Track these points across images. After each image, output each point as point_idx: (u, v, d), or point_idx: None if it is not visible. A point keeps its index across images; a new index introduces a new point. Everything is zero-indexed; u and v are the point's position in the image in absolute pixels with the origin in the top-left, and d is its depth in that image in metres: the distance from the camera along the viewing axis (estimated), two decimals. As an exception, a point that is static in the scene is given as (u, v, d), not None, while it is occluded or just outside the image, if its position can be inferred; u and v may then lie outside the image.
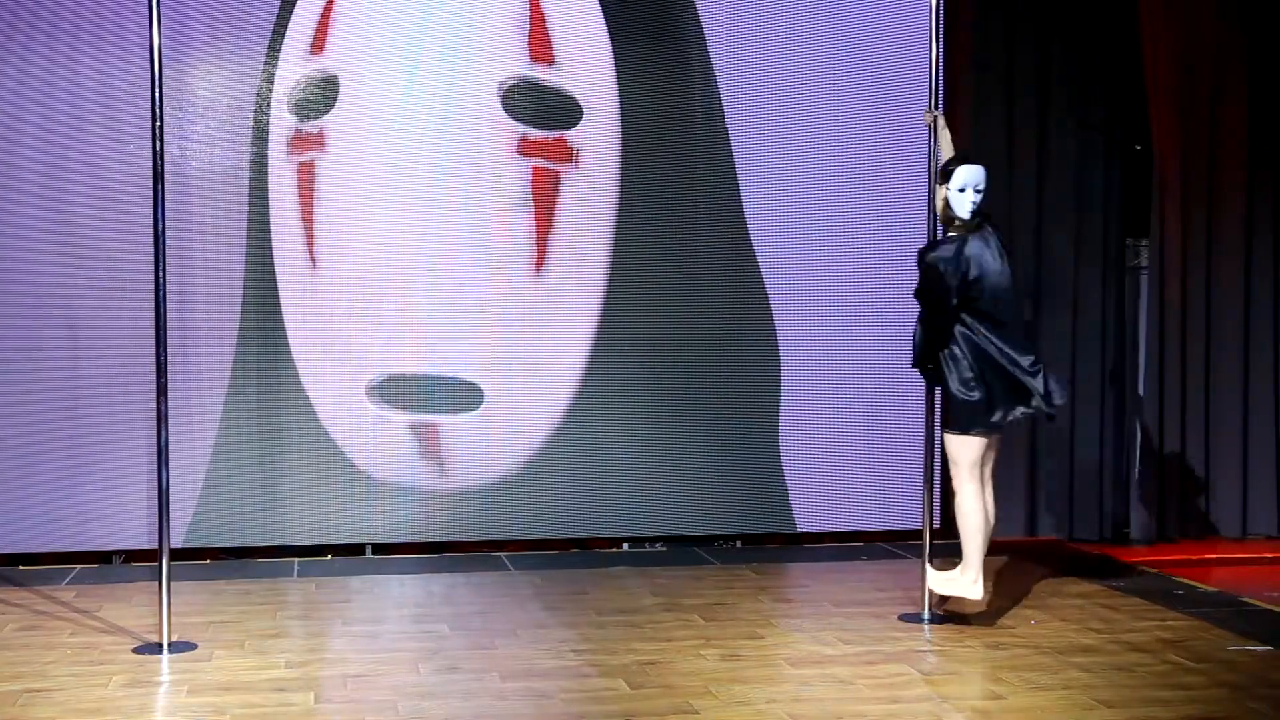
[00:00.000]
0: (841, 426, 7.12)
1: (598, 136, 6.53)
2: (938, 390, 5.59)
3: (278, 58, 6.51)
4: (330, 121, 6.48)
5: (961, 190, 5.32)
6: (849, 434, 7.14)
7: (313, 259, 6.56)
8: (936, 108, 5.65)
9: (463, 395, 6.64)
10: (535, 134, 6.46)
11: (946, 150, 5.54)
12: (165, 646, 5.05)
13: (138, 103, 6.34)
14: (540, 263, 6.57)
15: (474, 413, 6.62)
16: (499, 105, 6.43)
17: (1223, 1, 7.58)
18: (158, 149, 5.03)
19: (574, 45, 6.49)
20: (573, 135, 6.50)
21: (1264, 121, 7.69)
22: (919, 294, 5.38)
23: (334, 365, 6.61)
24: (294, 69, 6.47)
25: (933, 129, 5.59)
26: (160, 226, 5.04)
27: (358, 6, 6.48)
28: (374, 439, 6.65)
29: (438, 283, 6.60)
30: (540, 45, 6.47)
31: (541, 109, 6.53)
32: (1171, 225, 7.58)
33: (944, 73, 7.06)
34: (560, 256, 6.58)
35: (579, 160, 6.50)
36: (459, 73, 6.44)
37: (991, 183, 7.37)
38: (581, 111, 6.49)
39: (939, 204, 5.44)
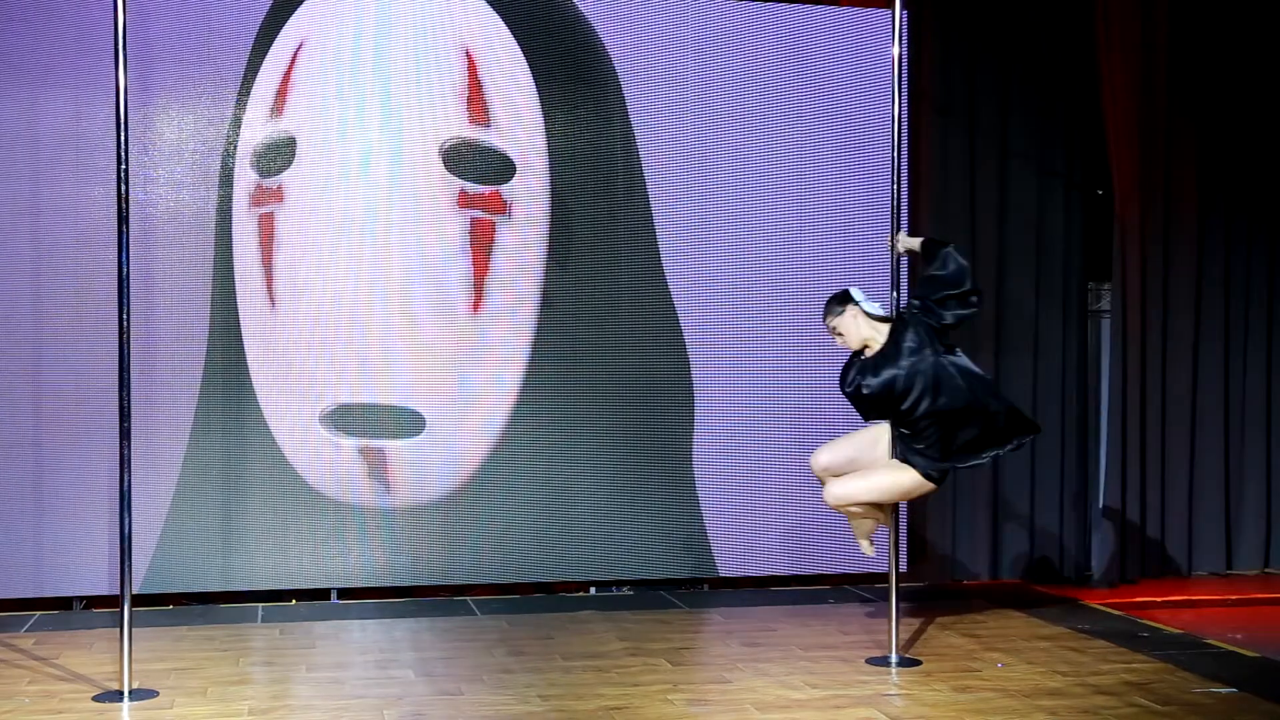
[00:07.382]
0: (802, 468, 7.12)
1: (528, 190, 7.02)
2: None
3: (245, 104, 6.70)
4: (289, 177, 6.78)
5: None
6: (811, 476, 7.13)
7: (272, 300, 6.73)
8: (899, 232, 5.69)
9: (407, 422, 6.88)
10: (473, 188, 6.92)
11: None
12: (126, 694, 4.99)
13: (105, 146, 6.35)
14: (478, 304, 6.92)
15: (417, 437, 6.89)
16: (440, 163, 6.89)
17: (1174, 55, 7.70)
18: (123, 192, 5.01)
19: (507, 109, 6.99)
20: (506, 189, 6.97)
21: (1214, 167, 7.82)
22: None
23: (292, 398, 6.78)
24: (256, 130, 6.76)
25: (894, 248, 5.62)
26: (125, 270, 5.02)
27: (314, 74, 6.78)
28: (332, 471, 6.81)
29: (386, 322, 6.85)
30: (477, 109, 6.94)
31: (478, 166, 6.95)
32: (1132, 269, 7.66)
33: (906, 121, 7.13)
34: (495, 298, 6.99)
35: (512, 212, 6.99)
36: (405, 134, 6.87)
37: (954, 227, 7.52)
38: (514, 168, 6.98)
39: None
